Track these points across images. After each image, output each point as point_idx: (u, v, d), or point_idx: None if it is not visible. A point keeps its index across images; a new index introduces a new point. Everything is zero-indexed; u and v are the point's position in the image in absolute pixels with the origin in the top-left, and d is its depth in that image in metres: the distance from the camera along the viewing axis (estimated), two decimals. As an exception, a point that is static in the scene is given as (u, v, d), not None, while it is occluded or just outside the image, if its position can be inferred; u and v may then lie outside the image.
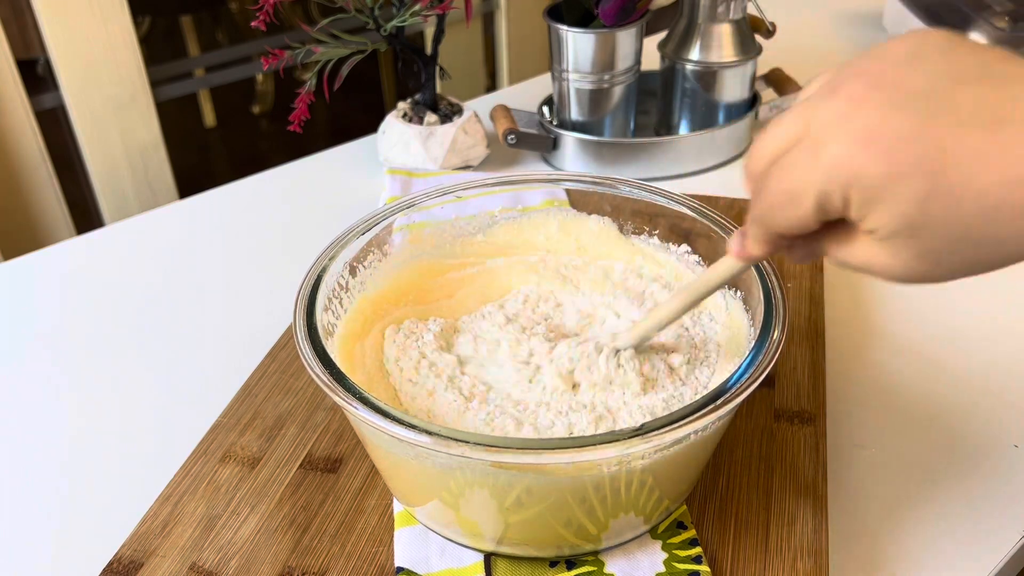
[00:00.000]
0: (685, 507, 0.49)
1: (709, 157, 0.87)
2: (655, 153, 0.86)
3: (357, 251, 0.52)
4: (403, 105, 0.87)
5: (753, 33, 0.87)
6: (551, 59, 0.85)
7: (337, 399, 0.41)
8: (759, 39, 0.88)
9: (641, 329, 0.48)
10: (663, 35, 0.90)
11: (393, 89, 2.09)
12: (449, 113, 0.86)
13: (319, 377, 0.42)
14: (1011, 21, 0.98)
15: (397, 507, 0.50)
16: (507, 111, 0.88)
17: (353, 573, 0.47)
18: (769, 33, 0.88)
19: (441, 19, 0.82)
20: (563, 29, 0.81)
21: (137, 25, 1.42)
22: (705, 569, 0.45)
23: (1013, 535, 0.50)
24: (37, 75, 1.35)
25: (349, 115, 2.29)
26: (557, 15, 0.82)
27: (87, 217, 1.41)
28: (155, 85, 1.36)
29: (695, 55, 0.85)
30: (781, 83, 0.92)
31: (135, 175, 1.37)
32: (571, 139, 0.86)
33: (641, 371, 0.48)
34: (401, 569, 0.47)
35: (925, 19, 1.06)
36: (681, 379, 0.49)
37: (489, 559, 0.47)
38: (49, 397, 0.63)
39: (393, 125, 0.85)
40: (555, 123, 0.88)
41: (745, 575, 0.46)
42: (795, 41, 1.06)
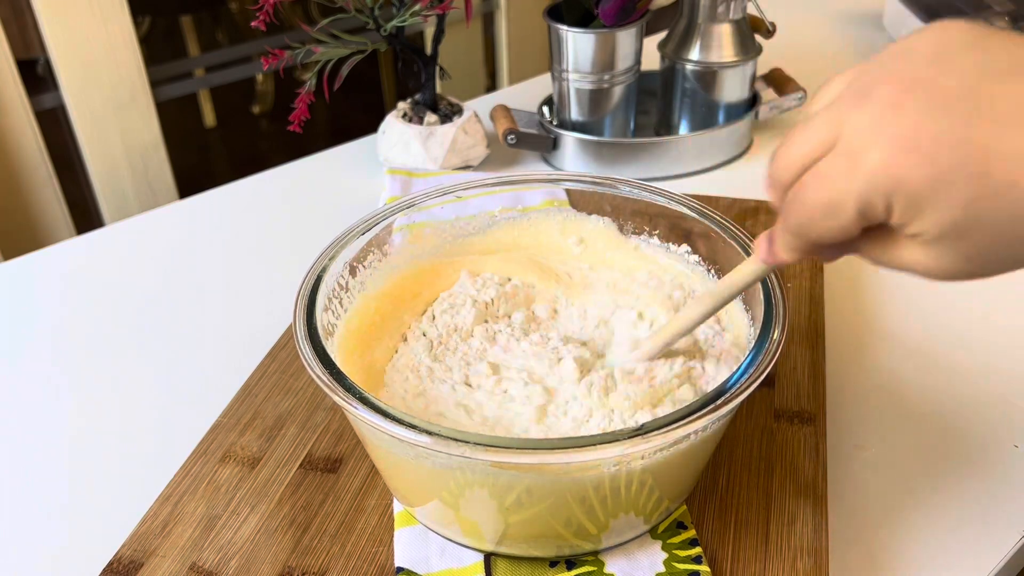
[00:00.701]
0: (685, 507, 0.49)
1: (709, 157, 0.87)
2: (655, 153, 0.86)
3: (357, 251, 0.52)
4: (403, 105, 0.87)
5: (753, 33, 0.87)
6: (551, 59, 0.85)
7: (337, 399, 0.41)
8: (759, 39, 0.88)
9: (665, 335, 0.47)
10: (663, 35, 0.90)
11: (393, 89, 2.09)
12: (449, 113, 0.86)
13: (319, 377, 0.42)
14: (1011, 21, 0.98)
15: (397, 507, 0.50)
16: (507, 111, 0.88)
17: (353, 573, 0.47)
18: (769, 33, 0.88)
19: (441, 19, 0.82)
20: (563, 29, 0.81)
21: (137, 25, 1.42)
22: (705, 569, 0.45)
23: (1013, 535, 0.50)
24: (37, 75, 1.35)
25: (349, 115, 2.29)
26: (557, 15, 0.82)
27: (87, 217, 1.41)
28: (155, 85, 1.36)
29: (695, 55, 0.85)
30: (781, 83, 0.92)
31: (135, 175, 1.37)
32: (571, 139, 0.86)
33: (652, 384, 0.47)
34: (401, 569, 0.47)
35: (925, 19, 1.06)
36: (688, 379, 0.49)
37: (489, 559, 0.47)
38: (49, 397, 0.63)
39: (393, 125, 0.85)
40: (555, 123, 0.88)
41: (745, 575, 0.46)
42: (795, 41, 1.06)
